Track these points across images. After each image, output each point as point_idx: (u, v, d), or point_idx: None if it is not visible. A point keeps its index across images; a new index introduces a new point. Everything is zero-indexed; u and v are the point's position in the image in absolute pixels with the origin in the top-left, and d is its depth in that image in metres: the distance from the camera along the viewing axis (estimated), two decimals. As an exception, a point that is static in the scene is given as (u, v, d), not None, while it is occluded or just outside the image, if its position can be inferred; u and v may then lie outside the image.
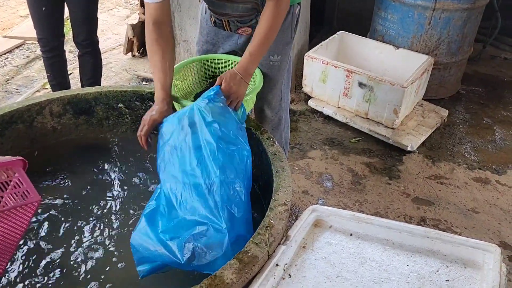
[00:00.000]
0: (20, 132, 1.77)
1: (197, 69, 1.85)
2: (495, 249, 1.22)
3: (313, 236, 1.36)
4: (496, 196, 2.45)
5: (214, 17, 1.74)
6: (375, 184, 2.50)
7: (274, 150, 1.59)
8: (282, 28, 1.65)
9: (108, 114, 1.93)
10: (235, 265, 1.17)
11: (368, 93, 2.78)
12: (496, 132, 3.00)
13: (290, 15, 1.73)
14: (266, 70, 1.80)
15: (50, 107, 1.82)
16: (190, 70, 1.84)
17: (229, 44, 1.84)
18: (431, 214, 2.32)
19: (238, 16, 1.68)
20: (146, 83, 3.47)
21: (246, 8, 1.65)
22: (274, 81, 1.85)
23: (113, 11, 4.92)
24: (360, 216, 1.39)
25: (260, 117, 1.96)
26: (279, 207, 1.35)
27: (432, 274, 1.20)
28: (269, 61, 1.79)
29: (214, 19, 1.75)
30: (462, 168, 2.65)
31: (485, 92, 3.45)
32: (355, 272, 1.23)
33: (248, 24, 1.71)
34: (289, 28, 1.77)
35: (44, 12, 2.48)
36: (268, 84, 1.82)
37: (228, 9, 1.67)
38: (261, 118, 1.96)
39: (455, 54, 3.12)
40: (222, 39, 1.83)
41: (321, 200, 2.38)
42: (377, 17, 3.22)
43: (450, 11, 2.91)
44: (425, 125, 2.89)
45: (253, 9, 1.65)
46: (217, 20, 1.74)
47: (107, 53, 3.95)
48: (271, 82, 1.84)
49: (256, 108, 1.94)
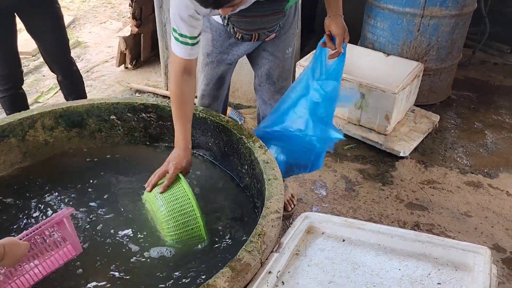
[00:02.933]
0: (12, 146, 1.77)
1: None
2: (485, 251, 1.23)
3: (305, 243, 1.36)
4: (488, 200, 2.47)
5: (242, 33, 1.75)
6: (369, 191, 2.52)
7: (266, 158, 1.60)
8: (292, 22, 1.87)
9: (100, 126, 1.94)
10: (228, 273, 1.17)
11: (360, 100, 2.80)
12: (487, 136, 3.03)
13: (296, 10, 1.90)
14: (283, 62, 1.95)
15: (42, 120, 1.83)
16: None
17: (244, 49, 1.91)
18: (425, 219, 2.33)
19: (270, 27, 1.72)
20: (139, 95, 3.48)
21: (276, 18, 1.71)
22: (290, 70, 2.03)
23: (105, 24, 4.94)
24: (352, 222, 1.40)
25: (273, 99, 2.04)
26: (271, 215, 1.36)
27: (424, 278, 1.20)
28: (285, 54, 1.95)
29: (241, 35, 1.76)
30: (455, 172, 2.67)
31: (475, 97, 3.49)
32: (347, 277, 1.23)
33: (275, 31, 1.80)
34: (296, 21, 1.93)
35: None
36: (284, 74, 1.99)
37: (260, 24, 1.70)
38: (273, 100, 2.04)
39: (445, 60, 3.16)
40: (237, 46, 1.87)
41: (316, 207, 2.39)
42: (367, 25, 3.26)
43: (438, 18, 2.95)
44: (417, 130, 2.91)
45: (282, 16, 1.74)
46: (246, 36, 1.75)
47: (99, 66, 3.97)
48: (286, 72, 2.00)
49: (270, 93, 2.03)
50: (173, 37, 1.54)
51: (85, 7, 5.44)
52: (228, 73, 2.00)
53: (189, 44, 1.54)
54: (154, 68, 3.85)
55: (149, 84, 3.64)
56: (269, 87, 2.01)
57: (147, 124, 1.95)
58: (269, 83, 1.99)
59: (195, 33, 1.53)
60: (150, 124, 1.95)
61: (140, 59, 3.87)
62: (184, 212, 1.48)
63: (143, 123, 1.95)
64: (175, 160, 1.55)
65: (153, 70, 3.83)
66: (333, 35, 1.78)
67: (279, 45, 1.89)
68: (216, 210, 1.67)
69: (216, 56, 1.90)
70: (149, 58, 3.94)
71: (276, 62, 1.93)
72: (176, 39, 1.54)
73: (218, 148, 1.85)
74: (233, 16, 1.61)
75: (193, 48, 1.55)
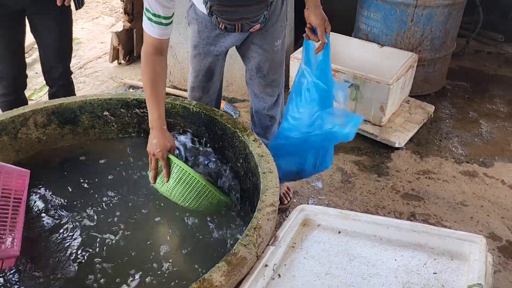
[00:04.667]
0: (5, 144, 1.76)
1: None
2: (481, 240, 1.23)
3: (301, 236, 1.36)
4: (484, 189, 2.47)
5: (225, 23, 1.74)
6: (365, 182, 2.52)
7: (261, 151, 1.60)
8: (279, 14, 1.87)
9: (94, 123, 1.93)
10: (224, 267, 1.17)
11: (354, 91, 2.79)
12: (482, 125, 3.03)
13: (284, 2, 1.89)
14: (273, 55, 1.94)
15: (35, 118, 1.81)
16: None
17: (231, 41, 1.91)
18: (421, 209, 2.34)
19: (252, 16, 1.70)
20: (133, 90, 3.46)
21: (259, 7, 1.68)
22: (280, 63, 2.02)
23: (97, 20, 4.90)
24: (348, 213, 1.40)
25: (264, 92, 2.05)
26: (266, 208, 1.36)
27: (420, 268, 1.21)
28: (274, 47, 1.93)
29: (224, 25, 1.75)
30: (450, 162, 2.68)
31: (470, 87, 3.49)
32: (343, 269, 1.23)
33: (259, 21, 1.75)
34: (285, 13, 1.92)
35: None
36: (274, 67, 1.99)
37: (242, 13, 1.68)
38: (264, 93, 2.05)
39: (439, 50, 3.15)
40: (224, 38, 1.89)
41: (312, 200, 2.39)
42: (360, 16, 3.24)
43: (432, 8, 2.94)
44: (412, 121, 2.91)
45: (265, 6, 1.70)
46: (229, 26, 1.74)
47: (92, 62, 3.94)
48: (277, 64, 1.99)
49: (261, 86, 2.03)
50: (146, 17, 1.54)
51: (77, 3, 5.39)
52: (216, 65, 2.00)
53: (163, 24, 1.55)
54: (147, 63, 3.82)
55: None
56: (259, 80, 2.00)
57: (140, 120, 1.94)
58: (259, 76, 1.99)
59: (169, 13, 1.54)
60: (144, 119, 1.93)
61: (133, 54, 3.84)
62: (192, 187, 1.52)
63: (137, 118, 1.94)
64: (158, 146, 1.54)
65: (147, 65, 3.80)
66: (313, 26, 1.76)
67: (267, 37, 1.89)
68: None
69: (203, 48, 1.92)
70: (143, 53, 3.92)
71: (265, 55, 1.93)
72: (149, 19, 1.54)
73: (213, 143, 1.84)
74: (215, 5, 1.61)
75: (167, 28, 1.57)
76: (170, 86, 3.41)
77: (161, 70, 1.62)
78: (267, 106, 2.09)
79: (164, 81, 1.65)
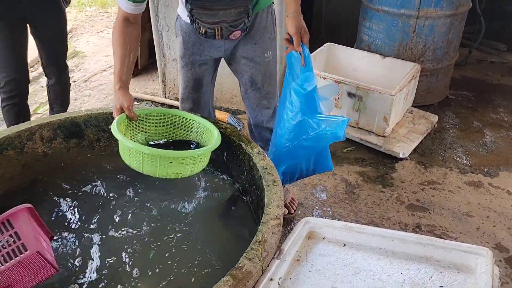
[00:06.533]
0: (11, 158, 1.77)
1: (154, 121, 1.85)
2: (487, 252, 1.22)
3: (306, 249, 1.36)
4: (489, 199, 2.46)
5: (205, 27, 1.77)
6: (369, 193, 2.51)
7: (265, 164, 1.60)
8: (266, 26, 1.90)
9: (99, 136, 1.94)
10: (229, 281, 1.17)
11: (357, 102, 2.80)
12: (486, 135, 3.03)
13: (270, 13, 1.91)
14: (264, 67, 1.96)
15: (41, 132, 1.83)
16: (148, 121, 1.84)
17: (216, 50, 1.95)
18: (426, 220, 2.33)
19: (232, 21, 1.73)
20: (138, 103, 3.48)
21: (238, 12, 1.71)
22: (273, 75, 2.03)
23: (102, 33, 4.96)
24: (353, 226, 1.40)
25: (261, 105, 2.06)
26: (271, 221, 1.36)
27: (426, 281, 1.20)
28: (265, 58, 1.95)
29: (204, 29, 1.77)
30: (455, 172, 2.67)
31: (473, 96, 3.49)
32: (349, 282, 1.23)
33: (239, 28, 1.78)
34: (272, 25, 1.94)
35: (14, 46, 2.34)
36: (267, 79, 2.00)
37: (221, 17, 1.71)
38: (261, 106, 2.06)
39: (441, 60, 3.16)
40: (208, 47, 1.93)
41: (316, 211, 2.38)
42: (362, 27, 3.26)
43: (434, 18, 2.96)
44: (416, 131, 2.91)
45: (244, 11, 1.73)
46: (209, 30, 1.76)
47: (97, 75, 3.98)
48: (270, 76, 2.01)
49: (256, 99, 2.05)
50: None
51: (82, 17, 5.46)
52: (205, 75, 2.02)
53: (130, 0, 1.67)
54: (151, 76, 3.86)
55: (147, 92, 3.64)
56: (255, 93, 2.02)
57: (145, 133, 1.95)
58: (254, 89, 2.00)
59: None
60: (149, 132, 1.94)
61: (138, 67, 3.88)
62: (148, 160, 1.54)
63: (142, 132, 1.95)
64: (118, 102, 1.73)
65: (151, 78, 3.84)
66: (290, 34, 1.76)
67: (257, 50, 1.91)
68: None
69: (189, 58, 1.96)
70: (147, 66, 3.95)
71: (257, 68, 1.95)
72: None
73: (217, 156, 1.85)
74: (195, 8, 1.64)
75: (135, 5, 1.69)
76: (174, 99, 3.43)
77: (130, 35, 1.73)
78: (265, 120, 2.10)
79: (134, 49, 1.75)
